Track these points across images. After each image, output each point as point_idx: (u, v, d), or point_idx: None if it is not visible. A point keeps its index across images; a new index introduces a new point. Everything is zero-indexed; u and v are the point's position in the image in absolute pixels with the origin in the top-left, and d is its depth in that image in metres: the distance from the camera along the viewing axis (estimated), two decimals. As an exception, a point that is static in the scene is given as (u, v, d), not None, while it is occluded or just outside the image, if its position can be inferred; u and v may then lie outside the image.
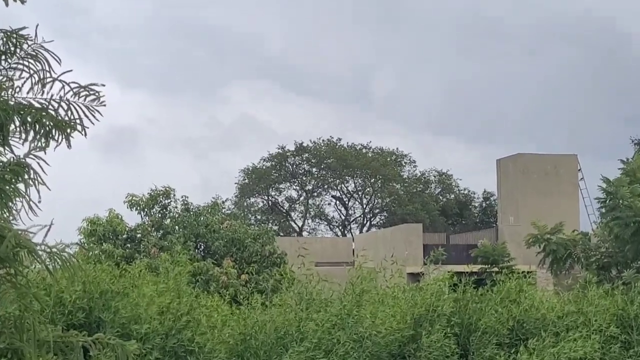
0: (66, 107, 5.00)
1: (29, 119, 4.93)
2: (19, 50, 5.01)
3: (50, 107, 4.98)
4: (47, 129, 4.96)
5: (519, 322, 10.30)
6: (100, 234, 22.16)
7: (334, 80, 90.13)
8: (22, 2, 4.94)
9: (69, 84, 5.02)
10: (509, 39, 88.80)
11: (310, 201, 68.82)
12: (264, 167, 67.22)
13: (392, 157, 68.71)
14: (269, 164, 67.45)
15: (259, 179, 66.68)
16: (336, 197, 69.29)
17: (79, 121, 5.01)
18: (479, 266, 26.79)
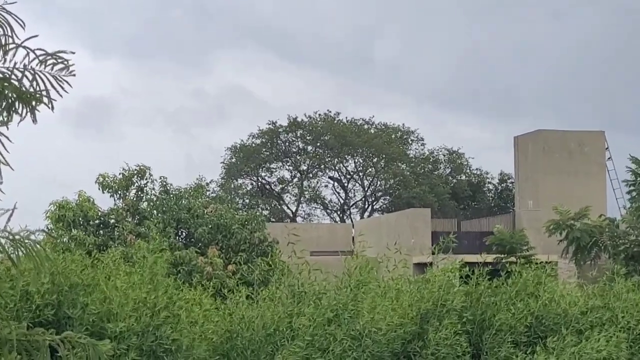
0: (31, 77, 5.01)
1: (-11, 91, 4.94)
2: (-24, 13, 5.00)
3: (13, 76, 4.99)
4: (10, 101, 4.96)
5: (537, 319, 10.34)
6: (69, 219, 22.16)
7: (331, 45, 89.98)
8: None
9: (34, 50, 5.02)
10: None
11: (305, 183, 68.91)
12: (254, 145, 67.25)
13: (397, 134, 68.80)
14: (258, 141, 67.48)
15: (247, 158, 66.73)
16: (334, 179, 69.40)
17: (45, 93, 5.01)
18: (494, 256, 26.89)
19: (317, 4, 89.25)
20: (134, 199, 23.59)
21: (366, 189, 69.22)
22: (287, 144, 68.12)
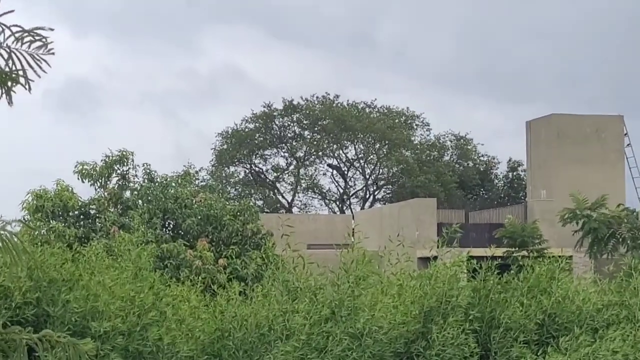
0: (6, 56, 5.01)
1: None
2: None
3: (-14, 56, 4.99)
4: (-17, 82, 4.97)
5: (549, 316, 10.36)
6: (48, 209, 22.17)
7: (330, 24, 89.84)
8: None
9: (9, 27, 5.02)
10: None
11: (301, 171, 68.91)
12: (246, 130, 67.22)
13: (401, 118, 68.79)
14: (252, 125, 67.46)
15: (239, 144, 66.72)
16: (333, 166, 69.41)
17: (22, 72, 5.02)
18: (504, 249, 26.91)
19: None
20: (117, 187, 23.55)
21: (367, 178, 69.24)
22: (282, 128, 68.11)
